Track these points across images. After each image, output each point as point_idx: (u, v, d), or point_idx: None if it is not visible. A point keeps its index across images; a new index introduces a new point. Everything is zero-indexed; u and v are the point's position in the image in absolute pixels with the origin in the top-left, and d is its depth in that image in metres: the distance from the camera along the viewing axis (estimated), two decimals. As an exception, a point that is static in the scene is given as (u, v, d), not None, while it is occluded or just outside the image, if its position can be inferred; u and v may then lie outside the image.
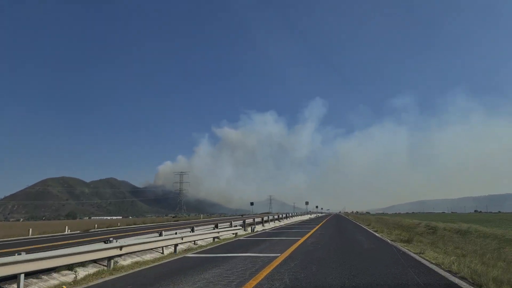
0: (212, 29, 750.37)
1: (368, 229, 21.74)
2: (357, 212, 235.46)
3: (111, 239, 8.02)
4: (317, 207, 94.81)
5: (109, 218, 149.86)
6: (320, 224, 29.31)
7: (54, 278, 6.66)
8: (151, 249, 9.96)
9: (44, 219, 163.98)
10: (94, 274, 7.15)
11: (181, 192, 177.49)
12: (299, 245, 11.93)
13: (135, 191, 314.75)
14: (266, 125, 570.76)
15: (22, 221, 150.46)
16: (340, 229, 22.56)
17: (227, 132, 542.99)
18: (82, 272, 7.14)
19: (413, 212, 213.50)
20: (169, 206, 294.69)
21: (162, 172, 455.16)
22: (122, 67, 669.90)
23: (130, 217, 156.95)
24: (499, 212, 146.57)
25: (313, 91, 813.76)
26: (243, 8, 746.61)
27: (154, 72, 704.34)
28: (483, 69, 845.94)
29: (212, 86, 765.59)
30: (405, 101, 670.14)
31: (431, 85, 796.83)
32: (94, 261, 7.83)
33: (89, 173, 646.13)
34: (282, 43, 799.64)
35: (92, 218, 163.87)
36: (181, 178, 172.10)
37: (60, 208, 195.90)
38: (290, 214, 39.28)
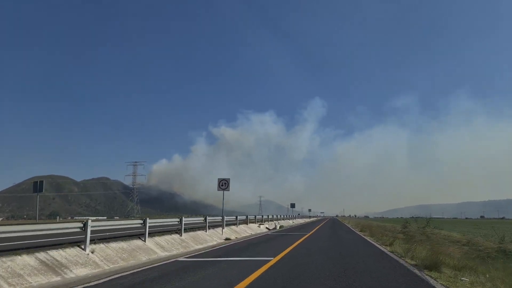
0: (209, 26, 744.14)
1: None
2: (355, 216, 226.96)
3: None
4: (293, 205, 50.16)
5: (93, 218, 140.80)
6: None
7: None
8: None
9: (25, 218, 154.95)
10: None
11: (135, 187, 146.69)
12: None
13: (128, 191, 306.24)
14: (264, 126, 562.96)
15: (2, 220, 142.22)
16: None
17: (225, 132, 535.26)
18: None
19: (414, 217, 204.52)
20: (163, 207, 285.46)
21: (157, 171, 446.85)
22: (117, 62, 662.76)
23: (117, 218, 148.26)
24: None
25: (312, 91, 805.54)
26: (241, 5, 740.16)
27: (151, 68, 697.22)
28: (487, 70, 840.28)
29: (210, 85, 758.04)
30: (406, 103, 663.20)
31: (432, 87, 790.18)
32: None
33: (80, 172, 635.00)
34: (282, 42, 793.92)
35: (75, 218, 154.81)
36: (134, 170, 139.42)
37: (45, 208, 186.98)
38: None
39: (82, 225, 8.38)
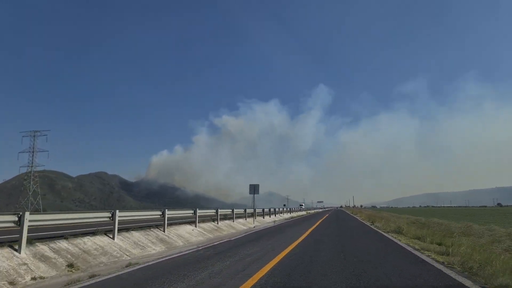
0: (213, 16, 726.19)
1: None
2: (361, 206, 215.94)
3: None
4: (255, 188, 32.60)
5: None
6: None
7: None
8: None
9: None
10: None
11: (33, 168, 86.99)
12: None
13: (126, 186, 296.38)
14: (268, 115, 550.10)
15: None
16: None
17: (227, 121, 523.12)
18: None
19: (427, 206, 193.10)
20: (162, 202, 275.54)
21: (156, 163, 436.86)
22: (117, 55, 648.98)
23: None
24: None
25: (316, 78, 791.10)
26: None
27: (152, 59, 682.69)
28: (494, 54, 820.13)
29: (213, 75, 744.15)
30: (413, 89, 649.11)
31: (440, 72, 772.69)
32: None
33: (76, 167, 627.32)
34: (285, 29, 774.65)
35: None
36: (32, 143, 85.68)
37: (34, 204, 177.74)
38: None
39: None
